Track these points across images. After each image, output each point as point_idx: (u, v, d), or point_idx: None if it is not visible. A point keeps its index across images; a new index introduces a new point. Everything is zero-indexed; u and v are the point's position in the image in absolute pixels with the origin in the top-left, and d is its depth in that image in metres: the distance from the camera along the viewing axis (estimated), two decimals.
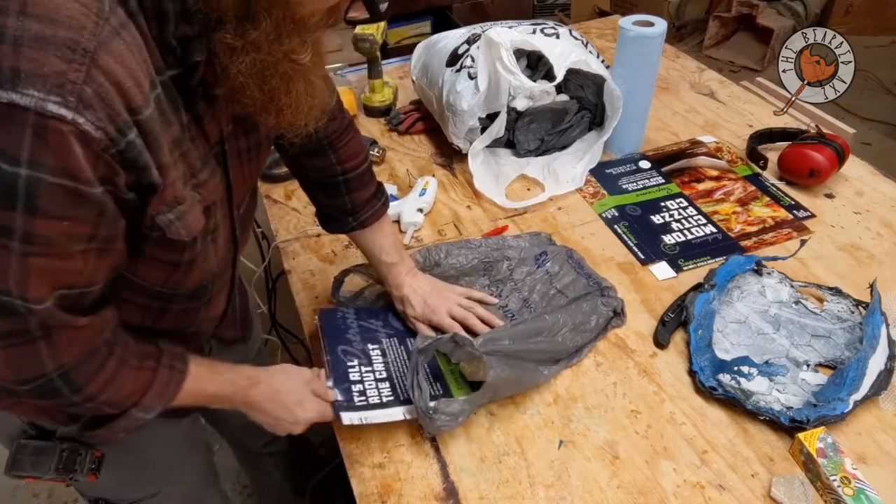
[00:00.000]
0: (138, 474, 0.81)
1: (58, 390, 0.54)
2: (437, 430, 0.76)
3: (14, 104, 0.40)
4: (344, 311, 0.93)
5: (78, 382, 0.55)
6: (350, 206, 0.88)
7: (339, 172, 0.85)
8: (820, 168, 1.14)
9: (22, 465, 0.66)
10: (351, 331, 0.89)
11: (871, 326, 0.85)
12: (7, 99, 0.40)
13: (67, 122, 0.41)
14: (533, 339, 0.83)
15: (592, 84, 1.27)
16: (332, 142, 0.83)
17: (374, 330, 0.91)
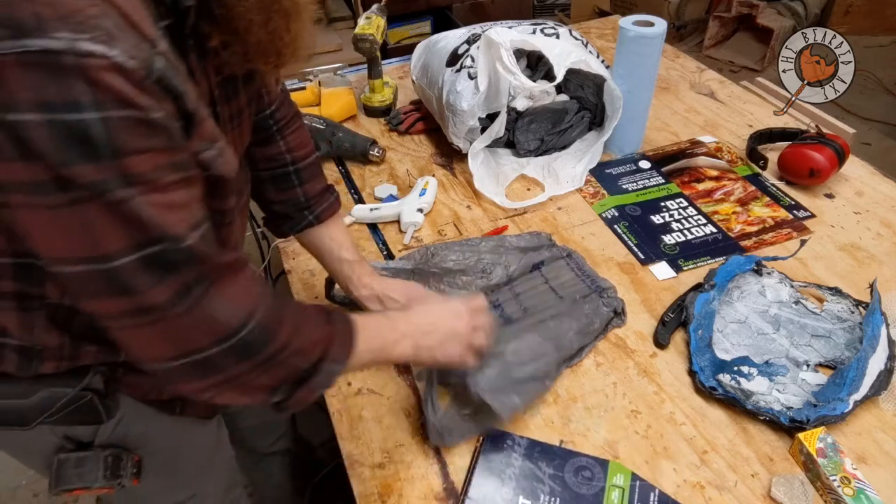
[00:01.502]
0: (173, 478, 0.80)
1: (253, 344, 0.52)
2: (444, 444, 0.77)
3: (49, 50, 0.38)
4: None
5: (269, 330, 0.53)
6: (304, 200, 0.84)
7: (289, 161, 0.82)
8: (820, 168, 1.14)
9: (68, 478, 0.65)
10: None
11: (871, 326, 0.85)
12: (40, 46, 0.38)
13: (105, 58, 0.40)
14: (541, 357, 0.83)
15: (592, 84, 1.27)
16: (281, 128, 0.81)
17: None
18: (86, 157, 0.41)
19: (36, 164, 0.41)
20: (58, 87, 0.39)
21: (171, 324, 0.48)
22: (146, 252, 0.45)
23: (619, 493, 0.72)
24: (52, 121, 0.40)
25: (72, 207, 0.42)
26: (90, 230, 0.44)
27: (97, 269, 0.45)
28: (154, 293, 0.47)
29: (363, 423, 0.82)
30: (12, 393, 0.61)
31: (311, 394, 0.59)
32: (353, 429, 0.82)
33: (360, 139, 1.30)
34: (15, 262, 0.55)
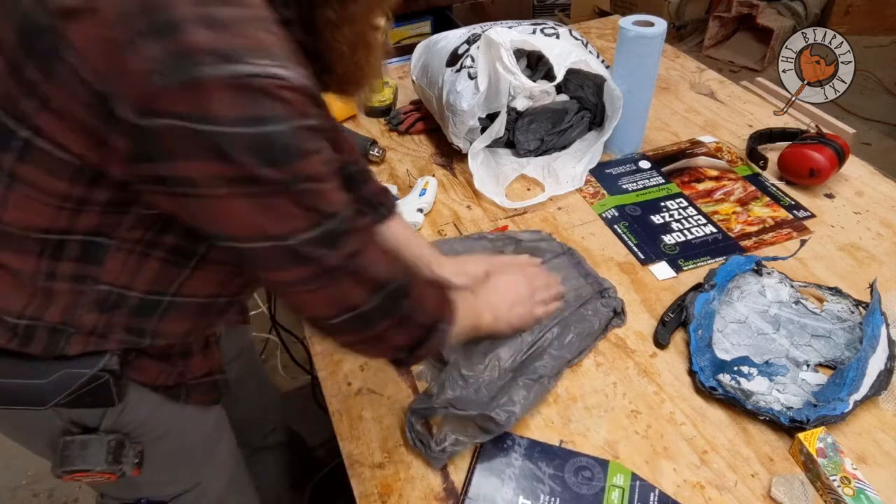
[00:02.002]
0: (179, 466, 0.81)
1: (398, 295, 0.62)
2: (445, 463, 0.77)
3: (251, 74, 0.46)
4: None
5: (405, 283, 0.63)
6: (371, 198, 0.89)
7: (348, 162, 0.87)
8: (820, 168, 1.14)
9: (72, 459, 0.67)
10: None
11: (871, 326, 0.85)
12: (244, 71, 0.46)
13: (283, 79, 0.48)
14: (539, 362, 0.84)
15: (592, 84, 1.27)
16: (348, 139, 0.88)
17: None
18: (273, 163, 0.49)
19: (229, 165, 0.48)
20: (253, 105, 0.47)
21: (340, 284, 0.57)
22: (322, 228, 0.54)
23: (619, 493, 0.72)
24: (247, 133, 0.47)
25: (260, 198, 0.50)
26: (275, 215, 0.51)
27: (280, 245, 0.52)
28: (327, 260, 0.55)
29: (363, 423, 0.82)
30: (31, 373, 0.63)
31: (428, 352, 0.69)
32: (353, 429, 0.82)
33: (360, 139, 1.30)
34: (84, 241, 0.57)
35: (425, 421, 0.81)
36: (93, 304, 0.61)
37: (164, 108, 0.45)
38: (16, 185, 0.53)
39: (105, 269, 0.59)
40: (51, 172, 0.52)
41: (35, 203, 0.54)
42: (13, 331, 0.60)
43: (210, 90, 0.45)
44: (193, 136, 0.46)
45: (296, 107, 0.49)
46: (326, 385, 0.88)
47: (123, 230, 0.57)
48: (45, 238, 0.56)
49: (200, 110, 0.45)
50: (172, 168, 0.48)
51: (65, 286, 0.59)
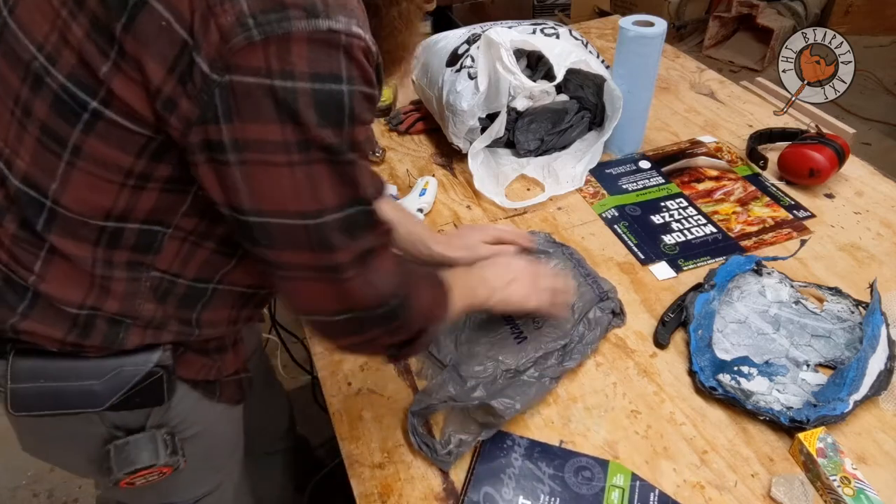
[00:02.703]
0: (208, 465, 0.80)
1: (394, 313, 0.60)
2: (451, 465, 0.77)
3: (333, 30, 0.47)
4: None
5: (407, 302, 0.61)
6: None
7: None
8: (820, 168, 1.14)
9: (131, 459, 0.66)
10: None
11: (871, 326, 0.85)
12: (327, 26, 0.47)
13: (362, 39, 0.49)
14: (540, 364, 0.84)
15: (592, 84, 1.27)
16: None
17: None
18: (333, 122, 0.49)
19: (290, 126, 0.48)
20: (329, 61, 0.48)
21: (342, 285, 0.56)
22: (349, 211, 0.54)
23: (619, 493, 0.72)
24: (318, 89, 0.48)
25: (307, 166, 0.50)
26: (315, 187, 0.51)
27: (307, 224, 0.52)
28: (341, 253, 0.54)
29: (363, 423, 0.82)
30: (85, 374, 0.62)
31: (416, 351, 0.68)
32: (353, 429, 0.82)
33: None
34: (141, 229, 0.57)
35: (425, 421, 0.81)
36: (149, 292, 0.61)
37: (244, 64, 0.46)
38: (79, 161, 0.53)
39: (160, 257, 0.60)
40: (116, 145, 0.52)
41: (97, 181, 0.54)
42: (73, 321, 0.60)
43: (294, 44, 0.46)
44: (268, 93, 0.47)
45: (366, 71, 0.50)
46: (326, 385, 0.88)
47: (179, 217, 0.58)
48: (103, 226, 0.56)
49: (281, 65, 0.46)
50: (234, 130, 0.48)
51: (121, 274, 0.59)
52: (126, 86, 0.50)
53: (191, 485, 0.79)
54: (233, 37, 0.45)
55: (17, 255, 0.58)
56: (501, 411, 0.75)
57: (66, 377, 0.61)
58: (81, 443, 0.68)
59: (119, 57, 0.49)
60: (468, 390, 0.80)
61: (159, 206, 0.56)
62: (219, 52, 0.46)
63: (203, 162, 0.51)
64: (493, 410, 0.76)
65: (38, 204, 0.56)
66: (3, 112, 0.56)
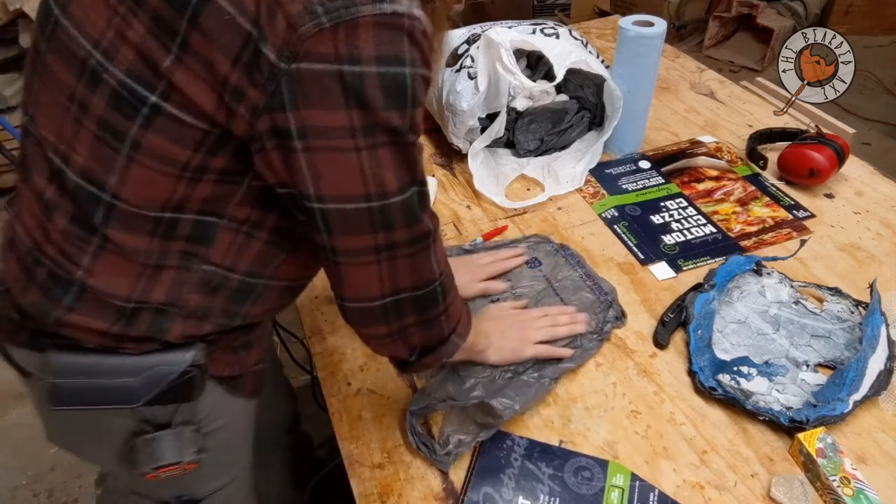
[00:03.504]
0: (225, 459, 0.81)
1: (435, 298, 0.64)
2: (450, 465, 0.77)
3: (397, 13, 0.48)
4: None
5: (445, 289, 0.65)
6: None
7: None
8: (820, 168, 1.14)
9: (158, 455, 0.67)
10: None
11: (871, 326, 0.85)
12: (391, 9, 0.48)
13: (422, 22, 0.50)
14: (541, 365, 0.84)
15: (592, 84, 1.27)
16: None
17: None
18: (398, 105, 0.51)
19: (356, 111, 0.49)
20: (393, 43, 0.49)
21: (395, 264, 0.58)
22: (408, 193, 0.56)
23: (619, 493, 0.72)
24: (383, 72, 0.49)
25: (372, 150, 0.52)
26: (379, 170, 0.53)
27: (373, 207, 0.54)
28: (399, 233, 0.57)
29: (363, 423, 0.82)
30: (125, 370, 0.63)
31: (435, 360, 0.71)
32: (353, 429, 0.82)
33: None
34: (195, 220, 0.58)
35: (424, 421, 0.81)
36: (198, 283, 0.62)
37: (313, 51, 0.47)
38: (138, 155, 0.54)
39: (213, 248, 0.61)
40: (174, 140, 0.53)
41: (155, 174, 0.55)
42: (119, 313, 0.61)
43: (361, 28, 0.47)
44: (336, 78, 0.48)
45: (425, 53, 0.51)
46: (326, 385, 0.88)
47: (233, 207, 0.59)
48: (159, 216, 0.57)
49: (349, 50, 0.47)
50: (301, 117, 0.49)
51: (173, 264, 0.60)
52: (189, 80, 0.50)
53: (209, 478, 0.80)
54: (301, 25, 0.46)
55: (65, 250, 0.59)
56: (500, 411, 0.75)
57: (104, 373, 0.63)
58: (109, 435, 0.69)
59: (181, 52, 0.50)
60: (467, 390, 0.80)
61: (213, 196, 0.57)
62: (286, 40, 0.47)
63: (271, 149, 0.52)
64: (492, 410, 0.76)
65: (96, 198, 0.56)
66: (56, 109, 0.56)
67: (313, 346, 0.94)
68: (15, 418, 1.87)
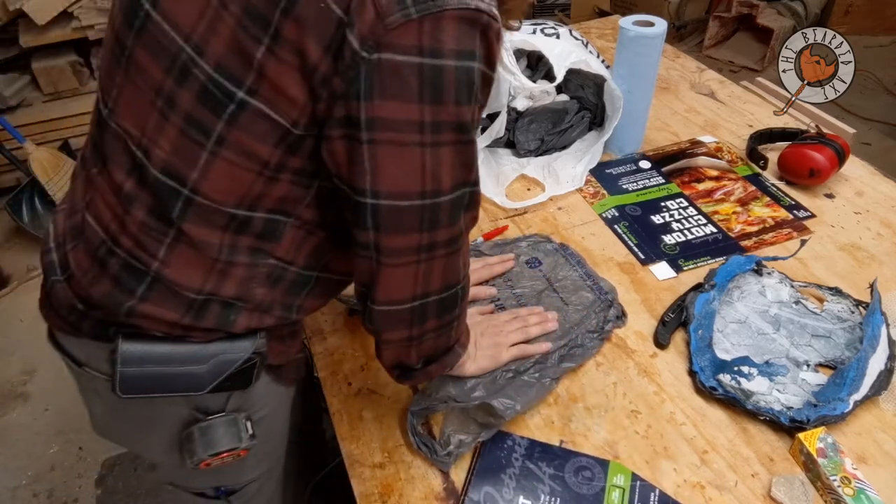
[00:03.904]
0: (266, 448, 0.81)
1: (456, 300, 0.64)
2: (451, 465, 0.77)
3: (479, 9, 0.49)
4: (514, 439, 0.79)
5: (465, 289, 0.65)
6: None
7: None
8: (820, 168, 1.14)
9: (215, 442, 0.67)
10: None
11: (871, 326, 0.85)
12: (474, 5, 0.48)
13: (498, 21, 0.51)
14: (541, 366, 0.84)
15: (592, 84, 1.27)
16: None
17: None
18: (466, 100, 0.51)
19: (429, 106, 0.50)
20: (469, 38, 0.49)
21: (430, 264, 0.59)
22: (460, 192, 0.56)
23: (620, 493, 0.72)
24: (459, 66, 0.50)
25: (436, 147, 0.52)
26: (438, 167, 0.53)
27: (425, 204, 0.55)
28: (442, 231, 0.57)
29: (363, 423, 0.82)
30: (192, 358, 0.64)
31: (439, 370, 0.72)
32: (353, 429, 0.82)
33: None
34: (267, 218, 0.59)
35: (425, 421, 0.81)
36: (263, 277, 0.63)
37: (398, 42, 0.47)
38: (223, 150, 0.55)
39: (279, 245, 0.62)
40: (258, 135, 0.54)
41: (237, 170, 0.55)
42: (190, 304, 0.61)
43: (447, 21, 0.48)
44: (416, 71, 0.48)
45: (493, 53, 0.52)
46: (326, 385, 0.88)
47: (302, 208, 0.60)
48: (234, 213, 0.58)
49: (432, 42, 0.48)
50: (372, 108, 0.50)
51: (243, 259, 0.61)
52: (280, 69, 0.50)
53: (248, 468, 0.80)
54: (389, 14, 0.47)
55: (142, 241, 0.59)
56: (501, 411, 0.75)
57: (172, 362, 0.63)
58: (163, 425, 0.69)
59: (273, 42, 0.50)
60: (468, 390, 0.80)
61: (287, 197, 0.58)
62: (372, 29, 0.47)
63: (338, 137, 0.52)
64: (493, 411, 0.76)
65: (176, 192, 0.57)
66: (142, 103, 0.57)
67: (314, 346, 0.94)
68: (15, 418, 1.87)
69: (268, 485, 0.87)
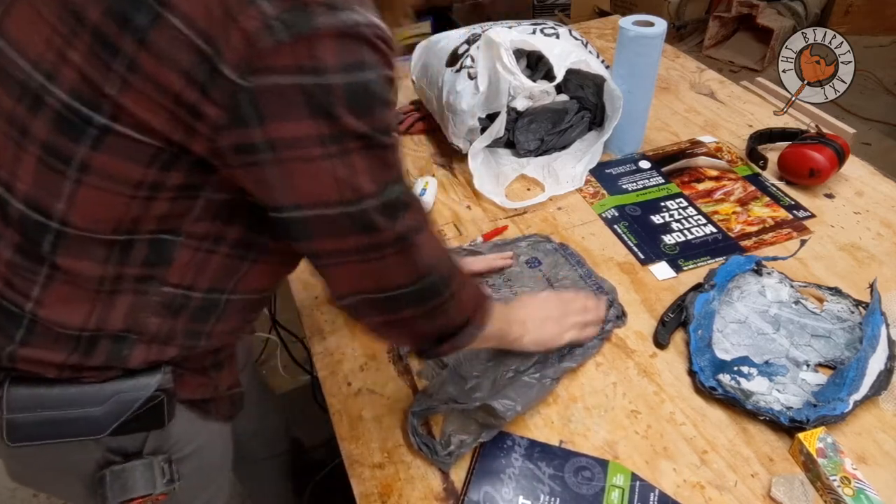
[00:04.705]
0: (199, 484, 0.79)
1: (430, 290, 0.62)
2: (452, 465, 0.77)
3: (356, 22, 0.48)
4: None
5: (445, 281, 0.63)
6: None
7: None
8: (820, 168, 1.14)
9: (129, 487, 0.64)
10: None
11: (871, 326, 0.85)
12: (351, 19, 0.48)
13: (380, 28, 0.50)
14: (542, 366, 0.84)
15: (592, 84, 1.27)
16: None
17: None
18: (365, 111, 0.50)
19: (324, 120, 0.49)
20: (354, 51, 0.49)
21: (383, 262, 0.57)
22: (387, 194, 0.55)
23: (619, 493, 0.73)
24: (348, 81, 0.49)
25: (344, 156, 0.51)
26: (353, 175, 0.52)
27: (351, 211, 0.53)
28: (384, 234, 0.56)
29: (363, 423, 0.82)
30: (87, 400, 0.61)
31: (452, 348, 0.69)
32: (353, 429, 0.82)
33: None
34: (152, 239, 0.56)
35: (425, 421, 0.81)
36: (158, 307, 0.60)
37: (274, 65, 0.46)
38: (87, 177, 0.52)
39: (172, 268, 0.58)
40: (127, 158, 0.51)
41: (107, 195, 0.53)
42: (76, 343, 0.58)
43: (321, 40, 0.47)
44: (299, 92, 0.47)
45: (387, 56, 0.51)
46: (326, 385, 0.88)
47: (190, 222, 0.56)
48: (112, 240, 0.55)
49: (311, 61, 0.47)
50: (267, 131, 0.48)
51: (129, 289, 0.58)
52: (138, 100, 0.49)
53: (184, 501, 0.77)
54: (259, 41, 0.45)
55: (12, 282, 0.57)
56: (502, 412, 0.75)
57: (66, 405, 0.60)
58: (76, 469, 0.66)
59: (129, 72, 0.48)
60: (469, 391, 0.80)
61: (169, 214, 0.55)
62: (244, 57, 0.46)
63: (238, 166, 0.51)
64: (493, 411, 0.76)
65: (43, 226, 0.54)
66: None
67: (313, 346, 0.94)
68: None
69: None
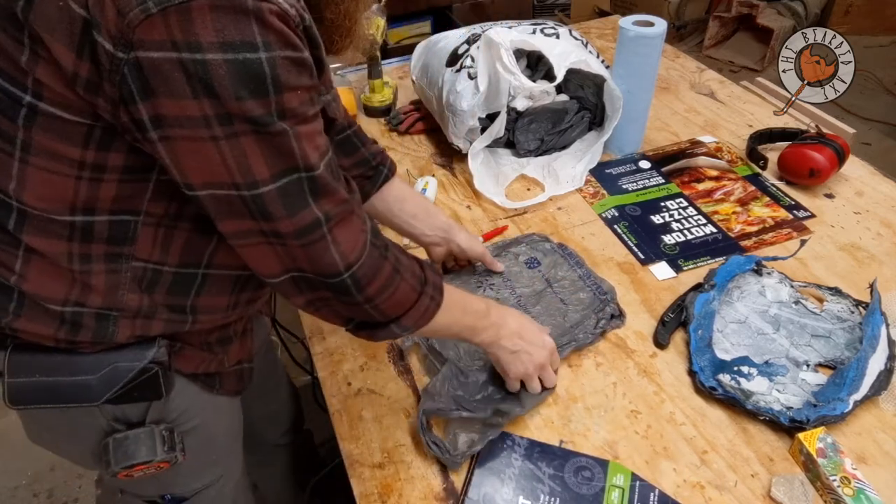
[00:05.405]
0: (207, 458, 0.80)
1: (347, 290, 0.59)
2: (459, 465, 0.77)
3: None
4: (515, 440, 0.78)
5: (362, 283, 0.59)
6: (371, 157, 0.89)
7: (346, 126, 0.87)
8: (820, 168, 1.14)
9: (130, 454, 0.66)
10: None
11: (871, 326, 0.85)
12: None
13: (273, 3, 0.47)
14: None
15: (592, 84, 1.27)
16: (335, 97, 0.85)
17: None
18: (254, 93, 0.47)
19: (206, 100, 0.46)
20: (238, 28, 0.45)
21: (290, 251, 0.55)
22: (284, 181, 0.52)
23: (619, 493, 0.73)
24: (231, 60, 0.46)
25: (232, 139, 0.48)
26: (244, 159, 0.50)
27: (244, 195, 0.51)
28: (283, 223, 0.53)
29: (363, 423, 0.82)
30: (80, 369, 0.62)
31: (372, 338, 0.67)
32: (353, 429, 0.82)
33: None
34: (111, 221, 0.56)
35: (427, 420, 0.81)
36: (132, 282, 0.60)
37: (145, 39, 0.44)
38: (31, 157, 0.52)
39: (137, 246, 0.59)
40: (63, 137, 0.51)
41: (52, 175, 0.53)
42: (60, 318, 0.60)
43: (195, 13, 0.44)
44: (178, 68, 0.45)
45: (285, 35, 0.48)
46: (326, 385, 0.88)
47: (146, 203, 0.56)
48: (71, 220, 0.55)
49: (185, 36, 0.44)
50: (151, 107, 0.47)
51: (100, 267, 0.59)
52: (47, 72, 0.48)
53: (190, 477, 0.79)
54: (128, 11, 0.44)
55: (0, 257, 0.58)
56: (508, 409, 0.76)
57: (62, 371, 0.62)
58: (83, 434, 0.68)
59: (32, 42, 0.47)
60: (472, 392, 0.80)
61: (123, 195, 0.55)
62: (118, 28, 0.44)
63: (141, 140, 0.50)
64: (499, 410, 0.76)
65: (7, 205, 0.55)
66: None
67: (313, 346, 0.94)
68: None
69: (226, 492, 0.86)
